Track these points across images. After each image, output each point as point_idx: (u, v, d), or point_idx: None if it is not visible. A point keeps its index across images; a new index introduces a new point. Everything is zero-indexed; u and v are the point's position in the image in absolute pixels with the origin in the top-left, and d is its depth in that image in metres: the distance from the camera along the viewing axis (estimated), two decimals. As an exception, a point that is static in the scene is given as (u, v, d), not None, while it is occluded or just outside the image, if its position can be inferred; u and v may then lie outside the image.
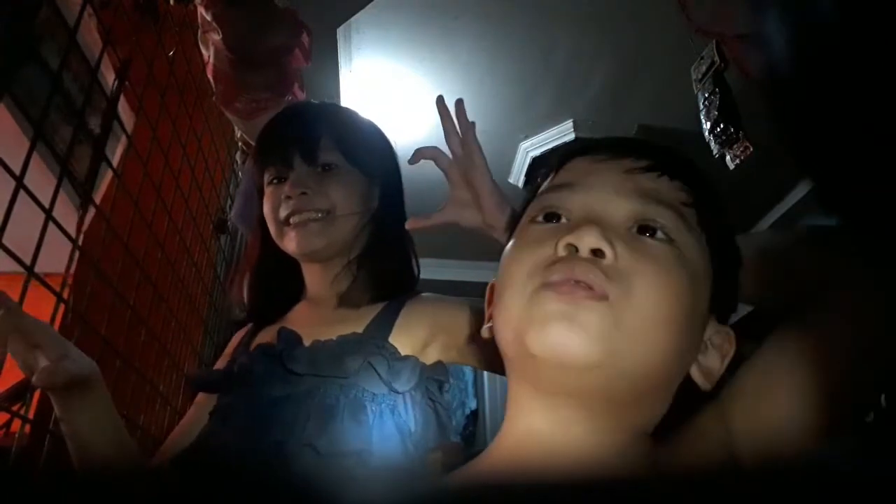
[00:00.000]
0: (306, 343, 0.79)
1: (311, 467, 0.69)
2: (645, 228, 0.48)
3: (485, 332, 0.55)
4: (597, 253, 0.45)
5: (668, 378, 0.49)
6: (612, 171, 0.50)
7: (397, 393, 0.75)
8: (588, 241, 0.44)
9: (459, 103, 0.80)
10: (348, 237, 0.86)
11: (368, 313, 0.82)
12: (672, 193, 0.50)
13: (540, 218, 0.50)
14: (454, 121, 0.79)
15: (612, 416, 0.46)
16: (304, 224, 0.84)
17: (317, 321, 0.83)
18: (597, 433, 0.46)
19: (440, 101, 0.80)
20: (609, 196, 0.49)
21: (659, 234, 0.47)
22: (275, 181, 0.88)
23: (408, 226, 0.83)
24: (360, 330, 0.80)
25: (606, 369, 0.43)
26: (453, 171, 0.80)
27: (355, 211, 0.86)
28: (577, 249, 0.45)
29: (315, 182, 0.85)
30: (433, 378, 0.80)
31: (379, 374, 0.75)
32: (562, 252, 0.45)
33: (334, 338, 0.78)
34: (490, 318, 0.54)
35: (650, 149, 0.52)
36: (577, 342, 0.42)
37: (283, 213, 0.84)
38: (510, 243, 0.52)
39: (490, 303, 0.56)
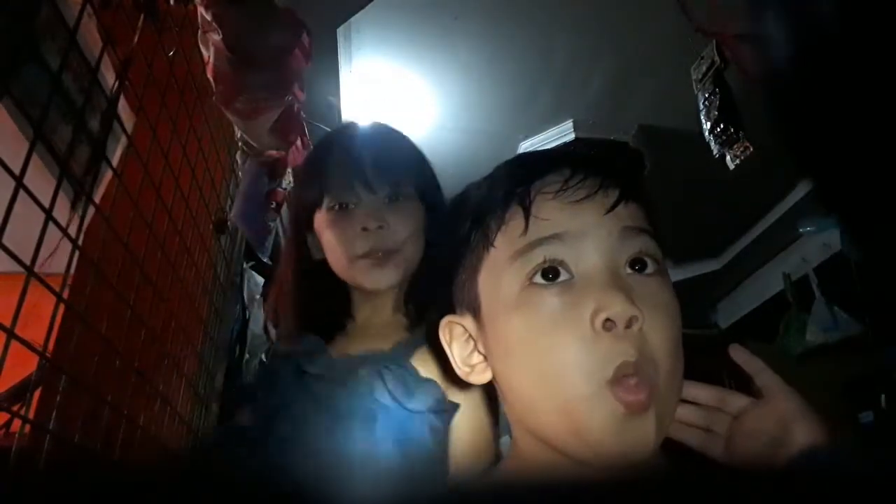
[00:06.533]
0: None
1: (322, 467, 0.69)
2: (636, 262, 0.49)
3: (466, 377, 0.57)
4: (630, 321, 0.46)
5: None
6: (594, 212, 0.50)
7: (410, 411, 0.75)
8: (622, 312, 0.45)
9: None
10: (414, 270, 0.85)
11: (399, 334, 0.82)
12: (640, 216, 0.51)
13: (538, 277, 0.49)
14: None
15: None
16: (381, 260, 0.82)
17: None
18: None
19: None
20: (603, 245, 0.49)
21: (649, 265, 0.49)
22: (337, 208, 0.84)
23: None
24: (386, 348, 0.79)
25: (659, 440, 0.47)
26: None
27: (421, 243, 0.84)
28: (610, 322, 0.46)
29: (389, 214, 0.83)
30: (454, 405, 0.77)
31: (389, 388, 0.75)
32: (600, 328, 0.46)
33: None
34: (471, 367, 0.56)
35: (608, 170, 0.52)
36: (648, 441, 0.46)
37: (360, 249, 0.82)
38: (523, 312, 0.49)
39: (450, 342, 0.57)
